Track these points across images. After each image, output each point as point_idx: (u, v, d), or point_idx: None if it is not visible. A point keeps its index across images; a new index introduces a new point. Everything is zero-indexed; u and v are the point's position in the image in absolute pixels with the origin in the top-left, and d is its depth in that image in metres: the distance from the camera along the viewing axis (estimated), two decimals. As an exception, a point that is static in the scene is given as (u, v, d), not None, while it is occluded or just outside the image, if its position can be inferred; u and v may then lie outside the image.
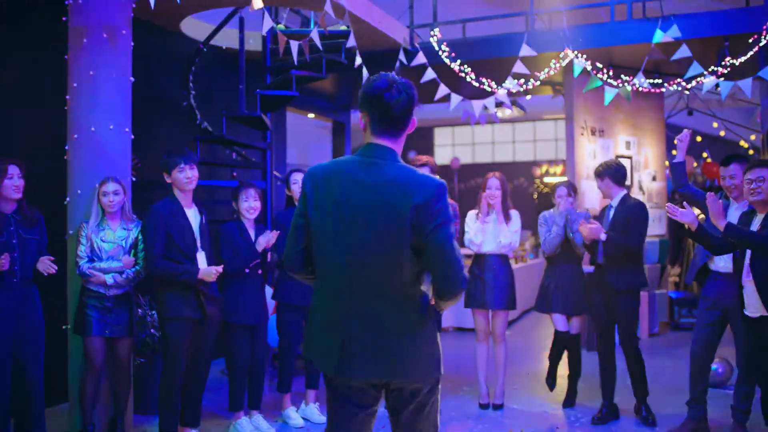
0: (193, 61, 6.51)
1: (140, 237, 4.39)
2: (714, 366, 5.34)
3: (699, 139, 11.78)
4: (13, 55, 5.30)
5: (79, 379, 4.48)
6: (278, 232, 4.74)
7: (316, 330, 2.53)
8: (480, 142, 19.63)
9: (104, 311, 4.36)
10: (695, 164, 11.31)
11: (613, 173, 5.12)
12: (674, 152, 5.23)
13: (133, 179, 4.90)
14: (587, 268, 5.44)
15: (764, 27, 6.41)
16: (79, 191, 4.64)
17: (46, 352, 5.02)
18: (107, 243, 4.39)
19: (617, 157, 8.25)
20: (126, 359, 4.47)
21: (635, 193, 8.41)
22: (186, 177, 4.29)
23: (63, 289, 4.67)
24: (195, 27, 6.88)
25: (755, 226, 4.10)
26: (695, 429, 4.64)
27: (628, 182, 8.35)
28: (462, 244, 4.98)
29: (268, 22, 5.83)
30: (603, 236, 4.90)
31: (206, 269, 4.26)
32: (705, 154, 12.08)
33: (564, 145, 8.35)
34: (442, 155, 19.64)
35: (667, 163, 8.80)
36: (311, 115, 9.97)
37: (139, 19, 6.53)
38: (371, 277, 2.40)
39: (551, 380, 5.51)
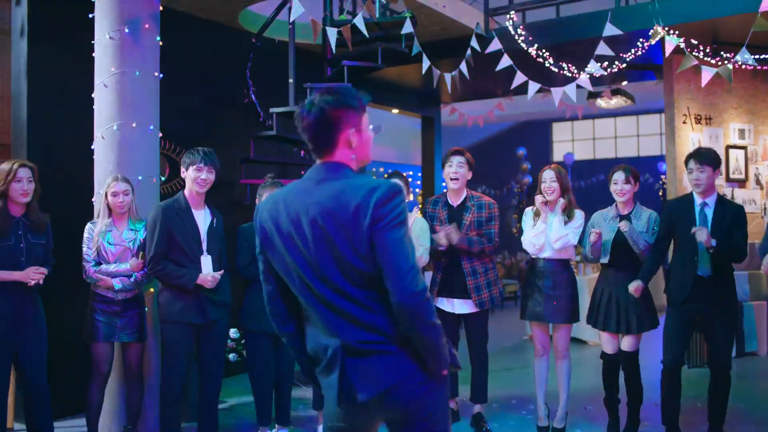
0: (248, 56, 6.29)
1: None
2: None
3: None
4: (51, 52, 5.28)
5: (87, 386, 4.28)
6: None
7: None
8: (601, 137, 18.49)
9: (113, 315, 4.15)
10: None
11: (719, 164, 4.33)
12: None
13: (162, 178, 4.70)
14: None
15: None
16: (100, 191, 4.49)
17: (68, 361, 4.95)
18: (113, 245, 4.18)
19: (728, 147, 7.27)
20: (137, 365, 4.25)
21: (752, 188, 7.39)
22: (200, 177, 4.08)
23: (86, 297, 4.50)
24: (256, 21, 6.67)
25: None
26: None
27: (741, 175, 7.36)
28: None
29: (319, 12, 5.51)
30: (713, 242, 4.06)
31: (203, 276, 4.00)
32: None
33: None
34: (561, 151, 18.69)
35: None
36: (395, 111, 9.55)
37: (197, 16, 6.42)
38: None
39: (611, 410, 4.63)
